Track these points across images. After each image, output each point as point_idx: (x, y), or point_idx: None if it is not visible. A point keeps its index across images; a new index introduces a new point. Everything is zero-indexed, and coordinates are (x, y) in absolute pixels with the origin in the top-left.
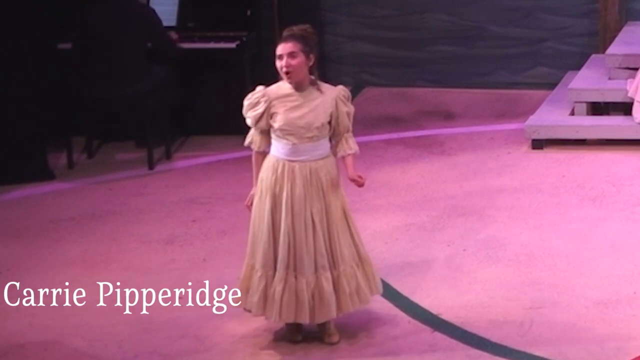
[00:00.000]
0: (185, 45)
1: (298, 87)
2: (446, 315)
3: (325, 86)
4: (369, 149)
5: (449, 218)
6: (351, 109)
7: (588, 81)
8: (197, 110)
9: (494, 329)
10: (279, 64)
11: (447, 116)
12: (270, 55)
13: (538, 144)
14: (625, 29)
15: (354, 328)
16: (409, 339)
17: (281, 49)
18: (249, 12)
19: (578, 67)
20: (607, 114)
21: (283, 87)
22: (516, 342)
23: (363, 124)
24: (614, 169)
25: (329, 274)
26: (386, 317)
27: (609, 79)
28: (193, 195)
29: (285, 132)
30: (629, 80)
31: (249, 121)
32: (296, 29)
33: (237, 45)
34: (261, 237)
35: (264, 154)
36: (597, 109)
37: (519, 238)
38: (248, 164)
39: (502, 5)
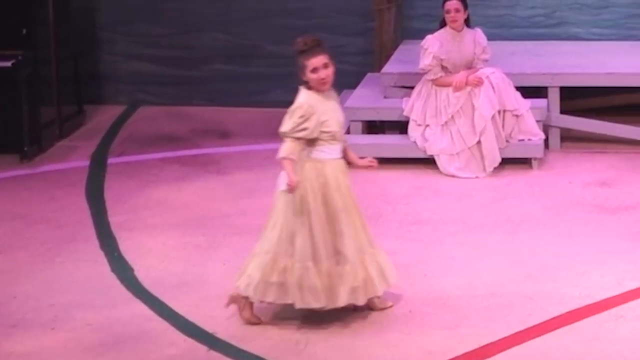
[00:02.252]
0: None
1: (321, 92)
2: (222, 334)
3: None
4: (145, 168)
5: (224, 237)
6: None
7: (364, 100)
8: None
9: (269, 348)
10: (314, 75)
11: (223, 135)
12: (47, 74)
13: None
14: (400, 47)
15: (130, 346)
16: (185, 357)
17: (316, 61)
18: (24, 31)
19: (354, 86)
20: (383, 132)
21: (312, 95)
22: None
23: (139, 143)
24: (390, 187)
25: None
26: (162, 335)
27: (385, 97)
28: None
29: (337, 132)
30: (404, 99)
31: (301, 134)
32: (315, 40)
33: (12, 64)
34: (312, 233)
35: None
36: (373, 127)
37: None
38: (26, 182)
39: (278, 24)
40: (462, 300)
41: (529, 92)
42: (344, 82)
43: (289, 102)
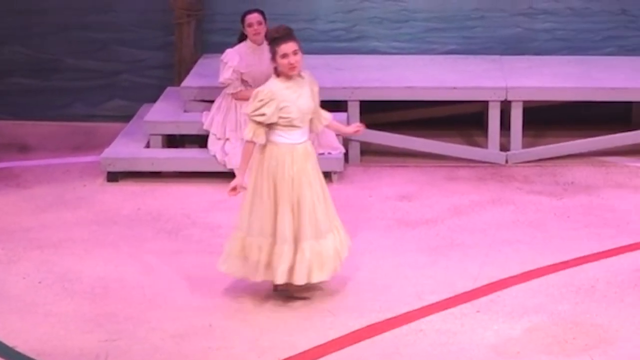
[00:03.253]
0: None
1: (290, 79)
2: (22, 348)
3: (303, 72)
4: None
5: (24, 250)
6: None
7: (163, 114)
8: None
9: None
10: (285, 60)
11: (23, 148)
12: None
13: (113, 177)
14: (200, 61)
15: None
16: None
17: (286, 48)
18: None
19: (154, 100)
20: (183, 146)
21: (277, 83)
22: None
23: None
24: (190, 201)
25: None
26: None
27: (185, 111)
28: None
29: (294, 119)
30: (204, 113)
31: (260, 118)
32: (286, 29)
33: None
34: (271, 212)
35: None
36: (173, 141)
37: (95, 270)
38: None
39: (79, 38)
40: (261, 314)
41: (329, 106)
42: (144, 96)
43: (90, 116)
